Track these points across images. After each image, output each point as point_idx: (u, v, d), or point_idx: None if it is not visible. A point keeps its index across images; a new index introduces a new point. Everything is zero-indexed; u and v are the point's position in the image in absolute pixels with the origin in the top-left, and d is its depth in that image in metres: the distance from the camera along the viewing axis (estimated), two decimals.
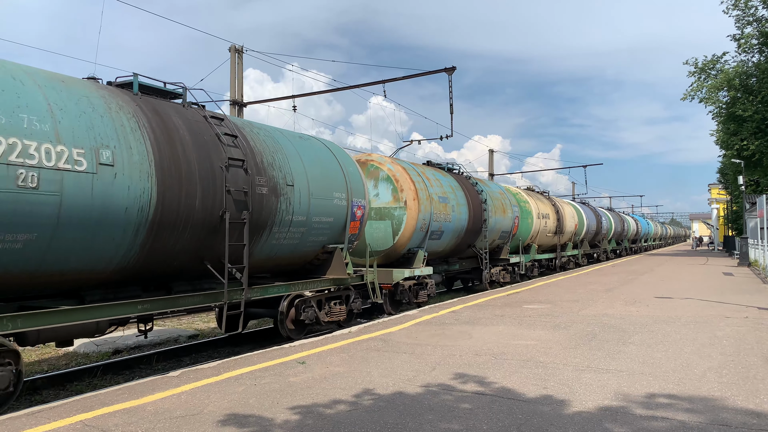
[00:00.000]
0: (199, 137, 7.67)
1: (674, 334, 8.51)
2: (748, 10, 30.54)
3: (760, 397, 5.20)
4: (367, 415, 4.83)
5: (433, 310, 11.68)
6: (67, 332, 6.73)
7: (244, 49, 17.98)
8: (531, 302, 12.68)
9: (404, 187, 12.99)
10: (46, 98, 6.10)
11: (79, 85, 6.73)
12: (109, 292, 7.25)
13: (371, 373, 6.30)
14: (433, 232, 13.85)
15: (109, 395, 5.64)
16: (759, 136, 30.16)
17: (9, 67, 6.02)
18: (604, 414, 4.78)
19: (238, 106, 17.84)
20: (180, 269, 7.71)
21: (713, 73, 32.76)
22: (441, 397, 5.33)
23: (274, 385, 5.89)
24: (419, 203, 13.04)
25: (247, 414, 4.92)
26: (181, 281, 8.10)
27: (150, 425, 4.68)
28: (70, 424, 4.73)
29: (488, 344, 7.88)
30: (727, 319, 9.93)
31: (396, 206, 12.99)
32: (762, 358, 6.84)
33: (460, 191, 15.62)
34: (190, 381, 6.14)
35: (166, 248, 7.22)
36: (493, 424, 4.57)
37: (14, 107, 5.69)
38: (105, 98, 6.79)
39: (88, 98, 6.56)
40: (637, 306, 11.81)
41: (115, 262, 6.77)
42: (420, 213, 13.05)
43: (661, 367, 6.43)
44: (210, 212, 7.57)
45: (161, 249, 7.16)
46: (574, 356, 7.03)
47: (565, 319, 10.12)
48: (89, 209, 6.20)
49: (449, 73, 16.88)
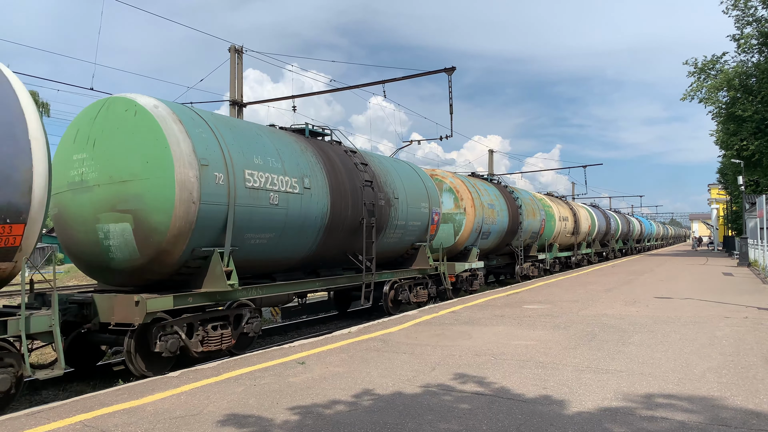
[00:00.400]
0: (346, 166, 11.03)
1: (674, 334, 8.51)
2: (748, 10, 30.55)
3: (760, 397, 5.20)
4: (367, 416, 4.83)
5: (432, 310, 11.68)
6: (275, 301, 9.74)
7: (243, 50, 17.98)
8: (531, 302, 12.69)
9: (463, 197, 16.36)
10: (274, 145, 9.31)
11: (282, 133, 10.09)
12: (288, 275, 9.99)
13: (371, 374, 6.30)
14: (483, 232, 17.16)
15: (108, 395, 5.64)
16: (759, 136, 30.15)
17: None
18: (604, 414, 4.78)
19: (238, 106, 17.84)
20: (330, 259, 10.92)
21: (713, 74, 32.75)
22: (440, 398, 5.33)
23: (273, 385, 5.89)
24: (475, 209, 16.45)
25: (246, 414, 4.92)
26: (324, 268, 11.00)
27: (149, 425, 4.68)
28: (70, 425, 4.73)
29: (488, 344, 7.88)
30: (726, 319, 9.93)
31: (457, 212, 16.21)
32: (761, 358, 6.85)
33: (501, 199, 19.02)
34: (190, 381, 6.14)
35: (329, 244, 10.38)
36: (492, 424, 4.57)
37: (265, 153, 8.93)
38: (297, 142, 10.10)
39: (290, 143, 9.86)
40: (636, 306, 11.81)
41: (303, 254, 9.94)
42: (475, 217, 16.42)
43: (661, 367, 6.43)
44: (354, 219, 10.82)
45: (327, 245, 10.34)
46: (573, 356, 7.03)
47: (565, 319, 10.12)
48: (300, 218, 9.38)
49: (449, 73, 16.88)
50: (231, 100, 17.84)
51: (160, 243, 7.39)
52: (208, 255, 7.96)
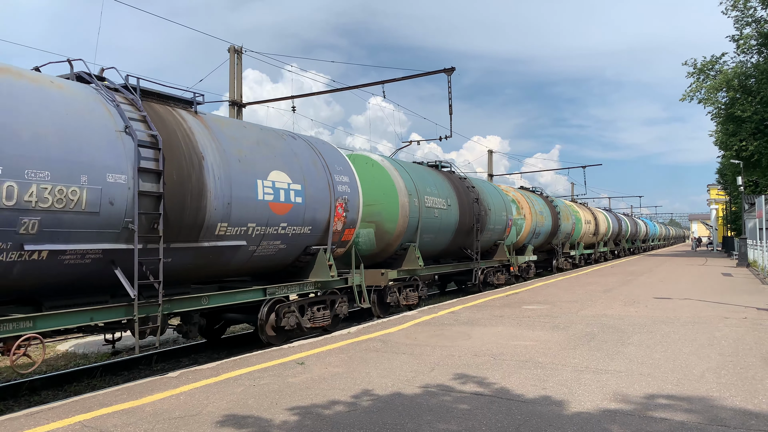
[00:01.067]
0: (463, 188, 16.01)
1: (673, 334, 8.52)
2: (747, 11, 30.58)
3: (759, 398, 5.20)
4: (366, 416, 4.83)
5: (432, 310, 11.68)
6: (429, 276, 15.00)
7: (243, 50, 17.97)
8: (530, 303, 12.69)
9: (523, 206, 21.29)
10: (432, 179, 14.47)
11: (431, 170, 15.32)
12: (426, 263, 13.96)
13: (370, 374, 6.30)
14: (536, 233, 22.31)
15: (107, 396, 5.64)
16: (758, 136, 30.17)
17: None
18: (603, 415, 4.78)
19: (238, 106, 17.83)
20: (452, 252, 15.78)
21: (712, 74, 32.77)
22: (440, 398, 5.33)
23: (272, 385, 5.89)
24: (532, 216, 21.60)
25: (245, 415, 4.92)
26: (446, 258, 15.96)
27: (149, 426, 4.68)
28: (69, 425, 4.73)
29: (487, 345, 7.88)
30: (725, 319, 9.94)
31: (519, 218, 20.69)
32: (760, 358, 6.85)
33: (546, 207, 24.35)
34: (189, 382, 6.14)
35: (455, 241, 15.30)
36: (491, 424, 4.58)
37: (430, 185, 14.05)
38: (440, 175, 15.30)
39: (437, 176, 14.98)
40: (636, 306, 11.81)
41: (443, 247, 14.86)
42: (532, 222, 21.56)
43: (660, 367, 6.44)
44: (469, 224, 15.67)
45: (455, 241, 15.26)
46: (573, 357, 7.03)
47: (564, 319, 10.13)
48: (445, 224, 14.32)
49: (448, 73, 16.88)
50: (230, 100, 17.83)
51: (389, 240, 12.51)
52: (407, 247, 12.99)
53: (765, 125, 30.02)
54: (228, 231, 7.91)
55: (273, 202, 8.58)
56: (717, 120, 34.91)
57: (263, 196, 8.40)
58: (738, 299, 12.95)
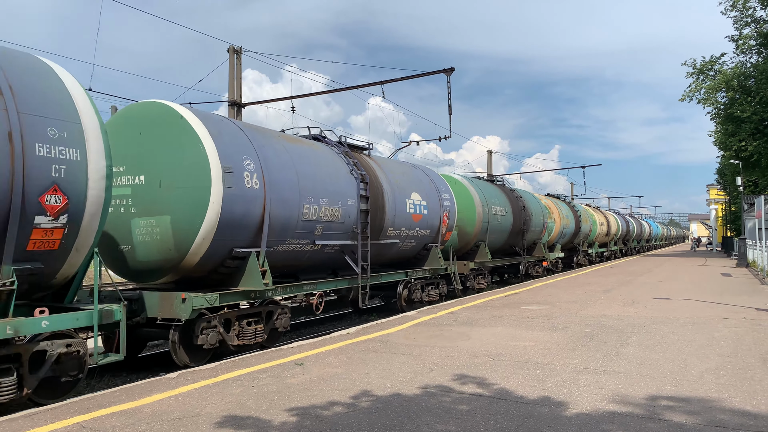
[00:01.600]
0: (513, 197, 19.70)
1: (672, 335, 8.52)
2: (746, 11, 30.59)
3: (757, 399, 5.20)
4: (365, 417, 4.83)
5: (431, 311, 11.68)
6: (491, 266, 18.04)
7: (242, 50, 17.97)
8: (529, 303, 12.69)
9: (553, 211, 24.88)
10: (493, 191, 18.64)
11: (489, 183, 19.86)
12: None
13: (369, 375, 6.30)
14: (563, 234, 26.33)
15: (106, 397, 5.63)
16: (757, 137, 30.18)
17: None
18: (602, 415, 4.78)
19: (237, 106, 17.83)
20: (506, 249, 19.53)
21: (711, 74, 32.78)
22: (439, 399, 5.33)
23: (271, 386, 5.88)
24: (560, 219, 25.54)
25: (244, 416, 4.92)
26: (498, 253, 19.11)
27: (147, 427, 4.67)
28: (68, 426, 4.73)
29: (486, 345, 7.88)
30: (725, 320, 9.94)
31: (551, 221, 23.97)
32: (759, 359, 6.85)
33: (570, 211, 28.47)
34: (188, 383, 6.13)
35: (509, 241, 19.09)
36: (490, 425, 4.57)
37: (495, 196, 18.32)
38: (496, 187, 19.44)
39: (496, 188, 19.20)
40: (635, 307, 11.81)
41: (499, 245, 18.53)
42: (560, 224, 25.40)
43: (659, 368, 6.44)
44: (518, 226, 19.37)
45: (508, 241, 19.09)
46: (572, 357, 7.03)
47: (564, 320, 10.13)
48: (503, 227, 18.37)
49: (448, 74, 16.89)
50: (230, 100, 17.83)
51: (468, 239, 16.33)
52: (479, 244, 16.73)
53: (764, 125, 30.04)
54: (391, 233, 12.01)
55: (414, 213, 12.71)
56: (716, 120, 34.91)
57: (408, 209, 12.51)
58: (737, 300, 12.96)
